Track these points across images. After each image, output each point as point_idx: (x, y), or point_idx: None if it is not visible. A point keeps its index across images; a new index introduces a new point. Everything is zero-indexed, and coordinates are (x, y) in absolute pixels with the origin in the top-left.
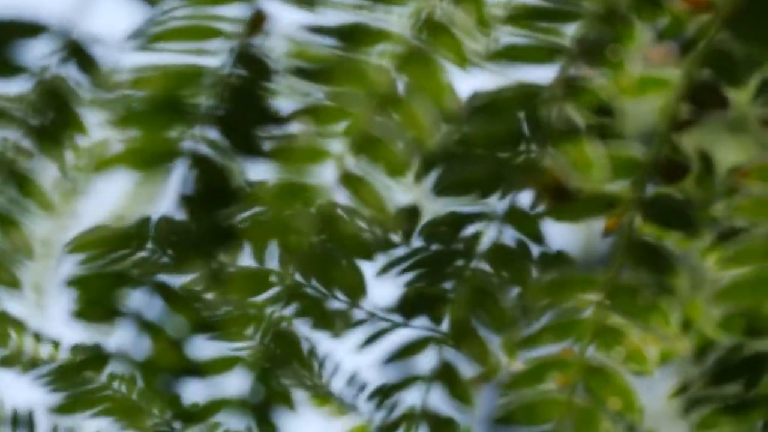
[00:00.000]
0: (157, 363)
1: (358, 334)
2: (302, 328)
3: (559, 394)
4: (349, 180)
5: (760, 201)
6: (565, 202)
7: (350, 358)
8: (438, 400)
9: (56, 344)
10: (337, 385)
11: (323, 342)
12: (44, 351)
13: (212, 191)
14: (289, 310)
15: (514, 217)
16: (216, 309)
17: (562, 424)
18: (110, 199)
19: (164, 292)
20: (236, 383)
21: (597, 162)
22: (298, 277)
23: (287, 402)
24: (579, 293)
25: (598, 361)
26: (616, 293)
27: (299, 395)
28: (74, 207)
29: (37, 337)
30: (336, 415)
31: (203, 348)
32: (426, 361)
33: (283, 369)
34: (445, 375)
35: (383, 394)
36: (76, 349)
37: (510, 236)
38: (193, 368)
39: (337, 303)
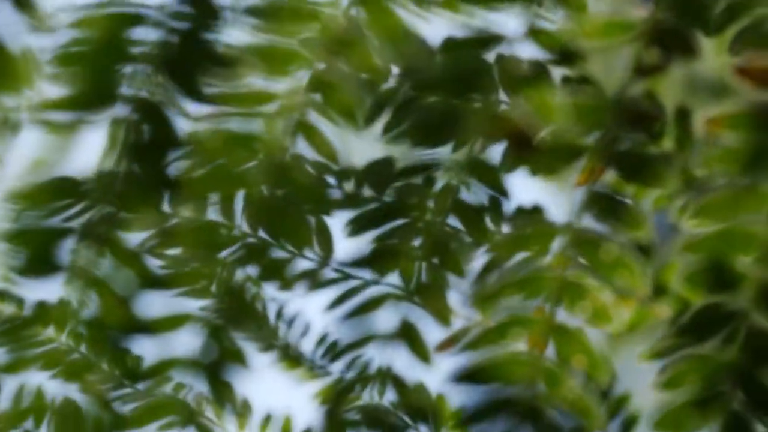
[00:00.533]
0: (104, 320)
1: (326, 292)
2: (269, 288)
3: (523, 353)
4: (303, 127)
5: (730, 151)
6: (528, 151)
7: (313, 314)
8: (403, 360)
9: (20, 302)
10: (307, 346)
11: (290, 301)
12: (7, 310)
13: (158, 139)
14: (251, 269)
15: (475, 167)
16: (170, 264)
17: (527, 383)
18: (54, 148)
19: (111, 246)
20: (189, 341)
21: (561, 109)
22: (262, 234)
23: (240, 360)
24: (542, 247)
25: (562, 319)
26: (580, 246)
27: (267, 357)
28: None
29: (1, 296)
30: (307, 378)
31: (154, 305)
32: (386, 318)
33: (235, 326)
34: (406, 332)
35: (342, 351)
36: (39, 306)
37: (476, 190)
38: (142, 326)
39: (306, 262)
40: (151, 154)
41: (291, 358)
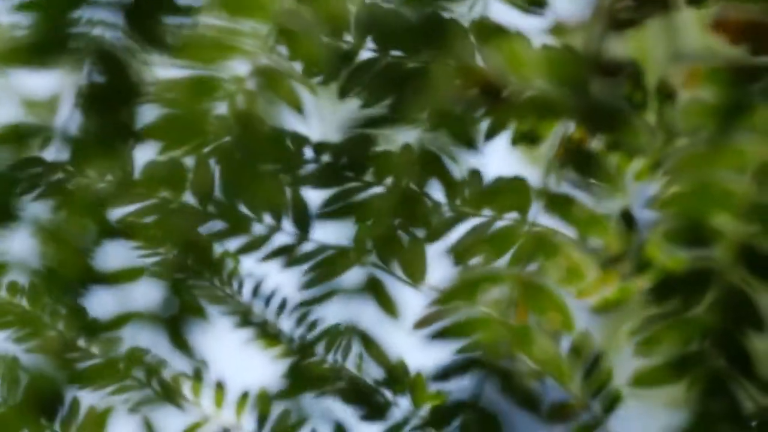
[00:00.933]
0: (60, 272)
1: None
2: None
3: (493, 312)
4: (264, 76)
5: (707, 106)
6: (497, 103)
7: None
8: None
9: None
10: (279, 315)
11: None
12: None
13: (117, 87)
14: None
15: (443, 120)
16: (130, 215)
17: (497, 341)
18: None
19: (70, 196)
20: (148, 295)
21: (531, 61)
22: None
23: (200, 314)
24: (512, 203)
25: (534, 277)
26: (554, 204)
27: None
28: None
29: None
30: (283, 355)
31: (112, 257)
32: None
33: (195, 279)
34: (372, 287)
35: (307, 306)
36: None
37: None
38: (99, 277)
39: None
40: (112, 105)
41: (269, 335)
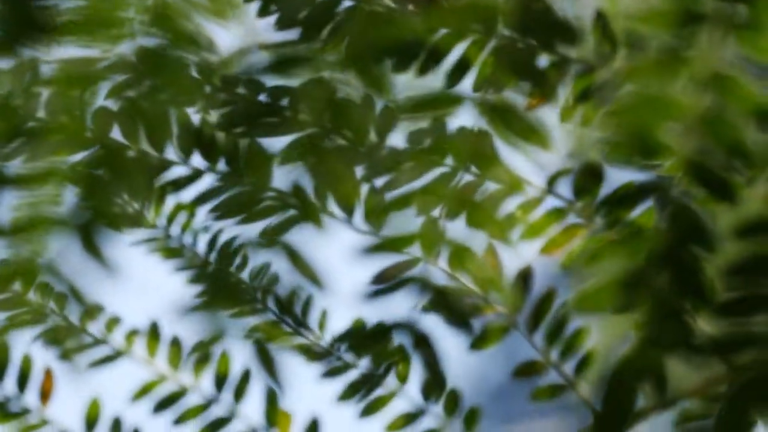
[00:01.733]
0: None
1: None
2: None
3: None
4: None
5: (658, 13)
6: (432, 6)
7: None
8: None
9: None
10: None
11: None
12: None
13: None
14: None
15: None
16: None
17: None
18: None
19: None
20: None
21: None
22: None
23: (113, 222)
24: (448, 110)
25: (468, 189)
26: (491, 114)
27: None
28: None
29: None
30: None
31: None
32: None
33: (112, 183)
34: (297, 194)
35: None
36: None
37: None
38: (7, 180)
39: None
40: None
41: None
